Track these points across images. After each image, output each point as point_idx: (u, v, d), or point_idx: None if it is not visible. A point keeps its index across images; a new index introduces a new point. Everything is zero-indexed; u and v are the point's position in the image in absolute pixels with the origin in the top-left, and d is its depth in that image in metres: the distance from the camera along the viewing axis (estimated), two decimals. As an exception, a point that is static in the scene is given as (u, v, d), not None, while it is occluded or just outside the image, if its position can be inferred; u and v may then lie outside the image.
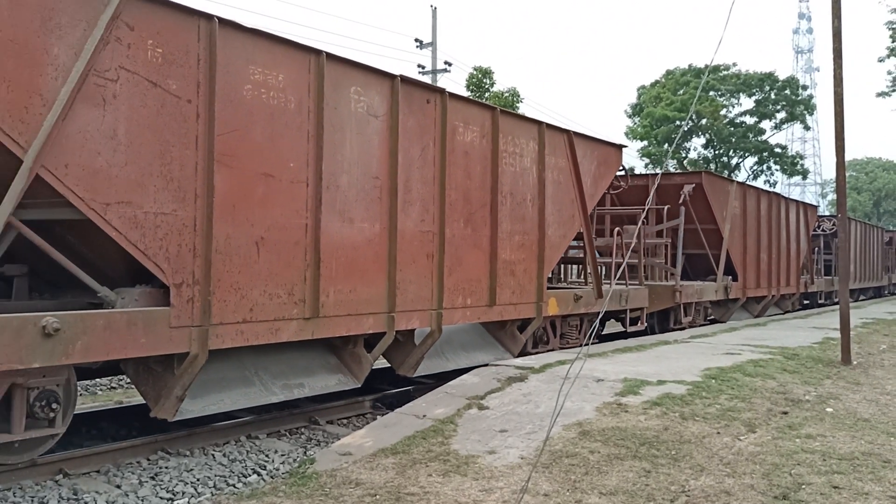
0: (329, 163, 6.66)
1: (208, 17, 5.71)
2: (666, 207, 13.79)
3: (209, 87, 5.71)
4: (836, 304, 22.03)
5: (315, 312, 6.53)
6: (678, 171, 38.92)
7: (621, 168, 11.57)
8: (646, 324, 12.41)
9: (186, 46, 5.58)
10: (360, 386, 7.32)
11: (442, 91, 7.99)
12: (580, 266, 13.97)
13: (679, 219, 14.02)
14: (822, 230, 23.76)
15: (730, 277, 15.64)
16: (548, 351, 10.00)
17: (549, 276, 11.13)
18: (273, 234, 6.21)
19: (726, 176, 27.35)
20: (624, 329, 11.98)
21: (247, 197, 6.01)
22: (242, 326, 5.96)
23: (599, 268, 11.56)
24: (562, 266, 14.03)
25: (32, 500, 4.96)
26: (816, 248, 22.16)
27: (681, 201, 14.09)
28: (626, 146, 11.50)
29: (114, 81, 5.18)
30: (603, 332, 13.31)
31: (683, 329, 13.70)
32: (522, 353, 9.48)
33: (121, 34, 5.19)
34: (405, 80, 7.47)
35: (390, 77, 7.32)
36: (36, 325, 4.76)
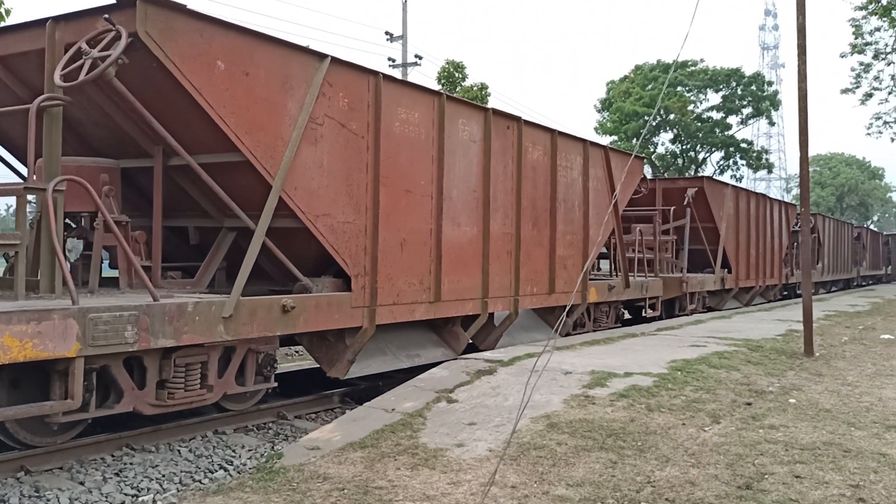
0: (446, 180, 8.48)
1: (375, 73, 7.51)
2: (672, 208, 16.12)
3: (375, 125, 7.51)
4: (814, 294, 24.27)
5: (437, 297, 8.35)
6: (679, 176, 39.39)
7: (642, 176, 13.81)
8: (660, 310, 14.28)
9: (362, 96, 7.38)
10: (458, 356, 8.89)
11: (518, 118, 9.80)
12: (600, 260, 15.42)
13: (685, 219, 16.31)
14: (798, 227, 25.27)
15: (725, 270, 17.77)
16: (584, 332, 11.80)
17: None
18: (411, 236, 8.02)
19: (694, 171, 27.80)
20: (643, 315, 13.90)
21: (396, 208, 7.80)
22: (392, 308, 7.77)
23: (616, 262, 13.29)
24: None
25: (-8, 499, 4.87)
26: (795, 244, 23.61)
27: (686, 203, 16.30)
28: (645, 157, 14.03)
29: (321, 125, 6.95)
30: (625, 318, 14.67)
31: (688, 315, 15.59)
32: (567, 335, 11.21)
33: (326, 90, 6.96)
34: (495, 112, 9.36)
35: (484, 110, 9.28)
36: (280, 304, 6.54)
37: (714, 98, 42.90)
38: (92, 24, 5.78)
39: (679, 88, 41.30)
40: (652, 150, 42.15)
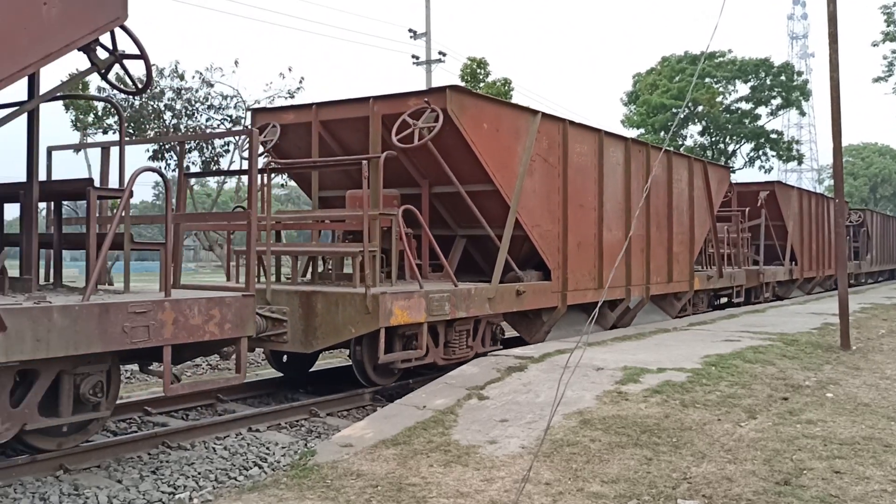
0: (604, 195, 11.00)
1: (563, 119, 10.21)
2: (747, 209, 18.40)
3: (563, 158, 10.14)
4: (861, 284, 28.04)
5: (600, 285, 10.82)
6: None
7: (729, 183, 16.81)
8: (743, 297, 16.90)
9: (555, 137, 10.04)
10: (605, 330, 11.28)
11: (647, 144, 12.69)
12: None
13: (761, 218, 18.96)
14: (850, 221, 27.46)
15: (792, 262, 20.43)
16: (687, 315, 14.05)
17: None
18: (583, 239, 10.59)
19: (724, 163, 27.71)
20: (730, 301, 16.94)
21: (575, 218, 10.34)
22: (574, 293, 10.29)
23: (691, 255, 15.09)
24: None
25: (33, 497, 4.94)
26: (848, 237, 25.59)
27: (759, 204, 18.98)
28: (732, 168, 16.83)
29: (534, 162, 9.52)
30: (716, 303, 17.16)
31: (763, 302, 17.96)
32: (674, 318, 13.56)
33: (538, 136, 9.59)
34: (634, 141, 12.11)
35: (625, 139, 11.89)
36: (515, 290, 9.18)
37: (743, 89, 42.31)
38: (404, 103, 8.65)
39: (707, 80, 40.79)
40: (680, 142, 41.71)
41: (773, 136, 42.88)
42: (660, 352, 8.69)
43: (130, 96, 14.07)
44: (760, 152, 42.82)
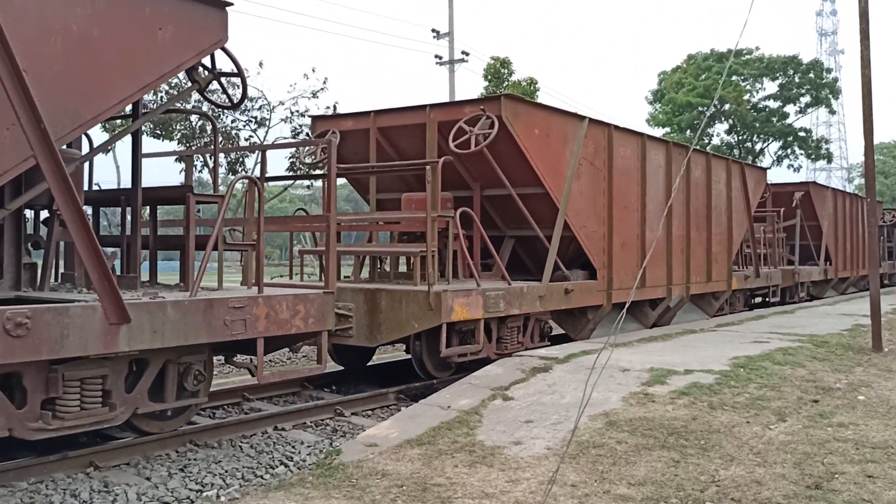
0: (646, 197, 11.34)
1: (608, 124, 10.57)
2: (781, 209, 18.63)
3: (608, 161, 10.48)
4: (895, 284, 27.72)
5: (643, 284, 11.11)
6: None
7: (766, 184, 17.00)
8: (779, 296, 17.28)
9: (601, 141, 10.40)
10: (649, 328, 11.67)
11: (687, 147, 13.11)
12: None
13: (796, 219, 19.18)
14: (884, 221, 27.69)
15: (827, 262, 20.58)
16: (726, 314, 14.39)
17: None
18: (626, 239, 10.86)
19: (751, 161, 27.45)
20: (765, 301, 17.26)
21: (619, 219, 10.64)
22: (618, 292, 10.52)
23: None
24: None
25: (64, 493, 5.00)
26: (882, 237, 25.90)
27: (794, 205, 19.18)
28: (769, 168, 17.56)
29: (581, 165, 9.84)
30: (753, 302, 17.62)
31: (798, 302, 18.29)
32: (712, 316, 13.83)
33: (585, 141, 9.93)
34: (674, 144, 12.51)
35: (665, 143, 12.34)
36: (563, 288, 9.58)
37: (770, 87, 41.83)
38: (459, 110, 9.15)
39: (734, 78, 40.36)
40: (707, 141, 41.31)
41: (802, 134, 42.33)
42: (687, 353, 8.61)
43: (224, 110, 14.66)
44: (788, 151, 42.31)
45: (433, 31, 33.13)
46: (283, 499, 4.47)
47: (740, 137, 41.98)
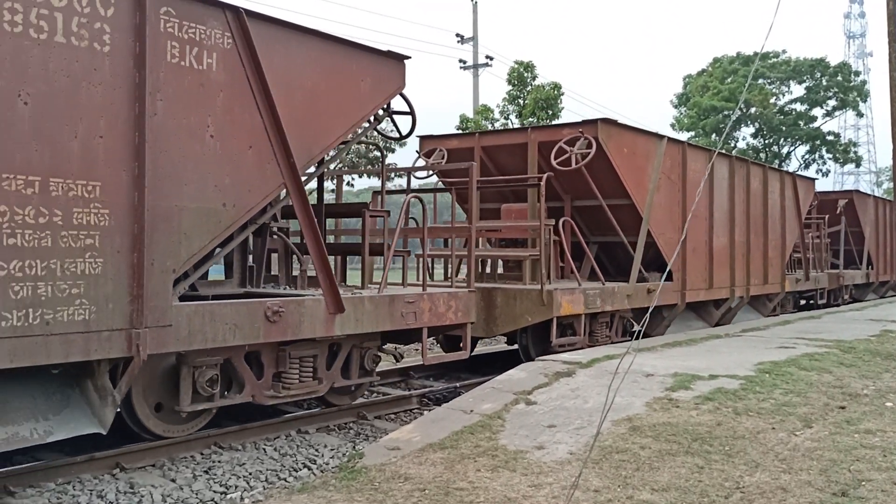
0: (714, 206, 12.53)
1: (682, 142, 11.79)
2: (826, 216, 19.61)
3: (683, 175, 11.76)
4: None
5: (710, 286, 12.43)
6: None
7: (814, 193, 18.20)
8: (825, 299, 18.45)
9: (676, 157, 11.70)
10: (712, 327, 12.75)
11: (747, 160, 14.23)
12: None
13: (841, 225, 20.24)
14: None
15: (869, 267, 21.56)
16: (778, 314, 15.45)
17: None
18: (697, 245, 12.09)
19: (777, 165, 27.20)
20: (809, 303, 18.49)
21: (691, 227, 11.77)
22: (690, 292, 11.77)
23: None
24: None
25: (91, 494, 5.08)
26: None
27: (838, 212, 20.18)
28: (817, 178, 19.15)
29: (660, 179, 11.02)
30: (801, 304, 18.77)
31: (843, 305, 19.19)
32: (766, 316, 14.84)
33: (664, 158, 11.12)
34: (737, 158, 13.80)
35: (729, 157, 13.53)
36: (646, 289, 10.81)
37: (797, 90, 41.42)
38: (558, 132, 10.39)
39: (760, 81, 39.99)
40: (733, 144, 40.94)
41: (830, 138, 41.83)
42: (711, 358, 8.53)
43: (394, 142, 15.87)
44: (816, 154, 41.83)
45: (457, 35, 33.22)
46: (306, 501, 4.50)
47: (766, 141, 41.58)
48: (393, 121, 7.77)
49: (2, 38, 4.52)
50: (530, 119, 27.03)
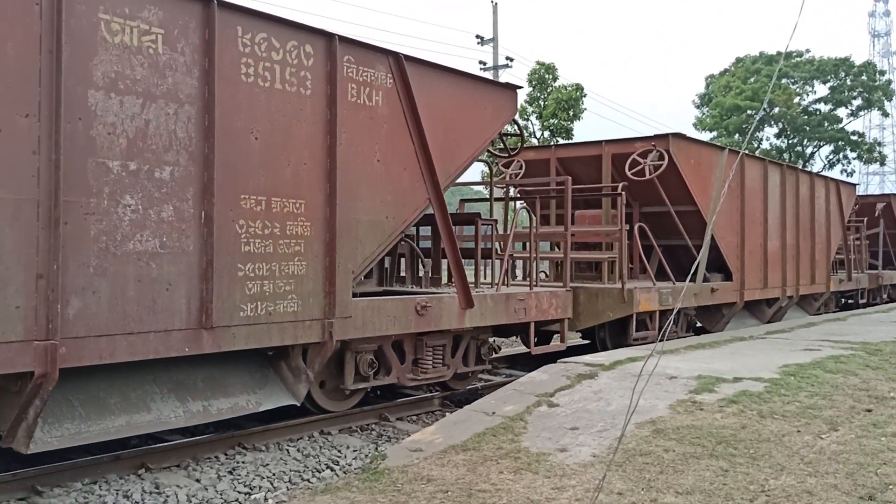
0: (768, 212, 13.32)
1: (739, 151, 10.57)
2: (865, 219, 20.24)
3: (741, 183, 12.47)
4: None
5: (765, 286, 13.20)
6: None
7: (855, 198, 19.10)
8: (866, 299, 19.41)
9: (735, 166, 11.84)
10: (762, 324, 13.64)
11: (797, 168, 15.03)
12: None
13: (879, 227, 21.13)
14: None
15: None
16: (821, 313, 16.13)
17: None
18: (753, 248, 12.79)
19: (801, 166, 26.99)
20: (848, 303, 19.40)
21: (748, 231, 12.56)
22: (748, 291, 12.57)
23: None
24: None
25: (117, 494, 5.13)
26: None
27: (876, 214, 21.02)
28: (859, 184, 19.33)
29: (723, 187, 11.64)
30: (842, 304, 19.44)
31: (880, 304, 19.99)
32: (812, 315, 15.55)
33: (725, 168, 11.80)
34: (788, 166, 14.60)
35: (780, 165, 14.22)
36: (710, 287, 11.55)
37: (821, 90, 40.96)
38: (631, 145, 11.25)
39: (784, 81, 39.60)
40: (756, 145, 40.56)
41: (854, 137, 41.33)
42: (735, 360, 8.46)
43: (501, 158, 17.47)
44: (840, 155, 41.34)
45: (477, 37, 33.22)
46: (329, 502, 4.52)
47: (790, 141, 41.16)
48: (503, 140, 9.03)
49: (240, 88, 5.68)
50: (551, 120, 26.96)
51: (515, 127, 9.18)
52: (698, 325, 12.98)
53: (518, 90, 8.55)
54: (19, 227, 4.57)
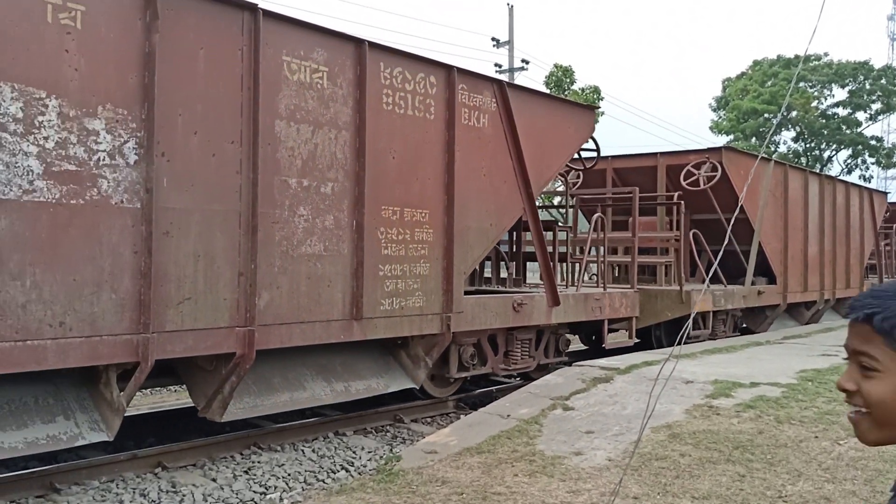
0: (808, 220, 14.08)
1: (784, 164, 13.31)
2: (894, 226, 20.60)
3: (784, 193, 13.25)
4: None
5: (805, 289, 14.00)
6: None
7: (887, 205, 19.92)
8: None
9: (779, 177, 13.34)
10: (801, 324, 14.48)
11: (833, 178, 15.85)
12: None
13: None
14: None
15: None
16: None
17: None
18: (794, 253, 13.53)
19: (819, 170, 26.80)
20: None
21: (791, 237, 13.35)
22: (790, 294, 13.41)
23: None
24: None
25: (134, 492, 5.17)
26: None
27: None
28: (888, 192, 20.73)
29: (768, 196, 12.43)
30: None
31: None
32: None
33: (771, 178, 12.66)
34: (826, 177, 15.41)
35: (819, 175, 15.10)
36: (757, 290, 12.36)
37: (840, 93, 40.61)
38: (685, 157, 12.29)
39: (802, 84, 39.30)
40: (773, 149, 40.29)
41: (873, 142, 40.95)
42: (752, 365, 8.41)
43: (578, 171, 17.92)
44: (859, 159, 40.97)
45: (493, 39, 33.18)
46: (344, 503, 4.53)
47: (808, 145, 40.87)
48: (579, 155, 9.98)
49: (382, 115, 6.59)
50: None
51: (593, 143, 10.05)
52: (744, 325, 13.62)
53: (595, 110, 9.50)
54: (227, 234, 5.47)
